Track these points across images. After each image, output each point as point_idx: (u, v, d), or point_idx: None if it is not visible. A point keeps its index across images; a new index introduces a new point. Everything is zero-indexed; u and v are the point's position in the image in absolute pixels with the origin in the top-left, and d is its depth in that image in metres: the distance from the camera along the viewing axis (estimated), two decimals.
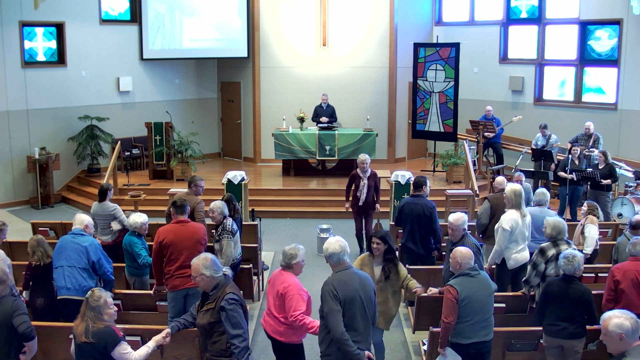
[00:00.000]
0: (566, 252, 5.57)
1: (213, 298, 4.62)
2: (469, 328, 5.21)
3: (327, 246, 4.79)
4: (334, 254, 4.76)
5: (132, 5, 14.54)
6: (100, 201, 7.97)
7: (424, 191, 7.73)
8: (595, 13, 13.04)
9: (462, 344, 5.26)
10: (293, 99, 14.74)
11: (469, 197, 11.29)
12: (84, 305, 4.46)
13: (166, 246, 6.19)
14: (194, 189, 8.09)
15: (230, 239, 6.95)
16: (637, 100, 12.43)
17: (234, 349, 4.50)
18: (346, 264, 4.77)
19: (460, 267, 5.27)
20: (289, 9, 15.00)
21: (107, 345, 4.33)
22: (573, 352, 5.49)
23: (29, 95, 13.12)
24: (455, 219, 6.24)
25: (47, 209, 13.08)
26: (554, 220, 6.25)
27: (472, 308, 5.17)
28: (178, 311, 6.27)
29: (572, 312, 5.41)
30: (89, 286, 6.06)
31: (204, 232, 6.30)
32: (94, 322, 4.36)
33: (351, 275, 4.72)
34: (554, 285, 5.51)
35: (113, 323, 4.50)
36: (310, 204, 12.46)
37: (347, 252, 4.78)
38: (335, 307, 4.54)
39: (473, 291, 5.18)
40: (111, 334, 4.38)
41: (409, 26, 15.17)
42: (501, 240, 6.85)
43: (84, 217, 6.51)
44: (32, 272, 6.26)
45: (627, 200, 10.74)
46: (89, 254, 6.12)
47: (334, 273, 4.76)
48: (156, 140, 13.39)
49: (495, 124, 13.26)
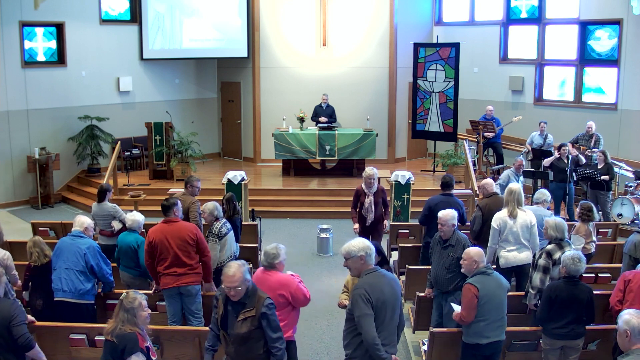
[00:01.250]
0: (573, 252, 5.52)
1: (250, 305, 4.45)
2: (487, 327, 5.19)
3: (362, 245, 4.55)
4: (373, 253, 4.59)
5: (132, 5, 14.54)
6: (99, 202, 7.97)
7: (452, 189, 7.82)
8: (595, 13, 13.04)
9: (480, 344, 5.23)
10: (293, 99, 14.74)
11: (469, 197, 11.29)
12: (118, 305, 4.47)
13: (155, 246, 6.22)
14: (190, 189, 8.12)
15: (215, 242, 6.89)
16: (637, 100, 12.43)
17: (276, 351, 4.46)
18: (372, 266, 4.59)
19: (477, 266, 5.26)
20: (289, 9, 15.01)
21: (125, 349, 4.35)
22: (574, 350, 5.50)
23: (29, 95, 13.12)
24: (444, 215, 6.22)
25: (47, 209, 13.08)
26: (555, 221, 6.17)
27: (490, 306, 5.16)
28: (175, 311, 6.30)
29: (580, 313, 5.40)
30: (86, 289, 6.10)
31: (191, 231, 6.24)
32: (124, 324, 4.38)
33: (380, 277, 4.56)
34: (561, 289, 5.40)
35: (143, 328, 4.48)
36: (310, 204, 12.46)
37: (373, 253, 4.62)
38: (368, 311, 4.39)
39: (491, 289, 5.17)
40: (133, 340, 4.37)
41: (409, 26, 15.17)
42: (491, 239, 6.92)
43: (84, 219, 6.47)
44: (30, 273, 6.26)
45: (627, 200, 10.75)
46: (87, 257, 6.10)
47: (368, 275, 4.53)
48: (156, 140, 13.40)
49: (495, 124, 13.26)
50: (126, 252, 6.93)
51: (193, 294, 6.24)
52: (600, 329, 5.85)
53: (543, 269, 5.96)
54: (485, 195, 7.92)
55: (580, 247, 7.22)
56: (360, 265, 4.54)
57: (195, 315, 6.27)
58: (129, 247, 6.89)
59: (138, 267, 6.95)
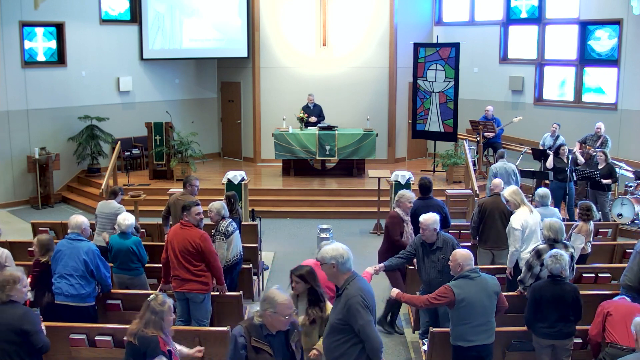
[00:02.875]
0: (553, 251, 5.57)
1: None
2: (470, 331, 5.19)
3: (334, 253, 4.34)
4: (348, 260, 4.36)
5: (132, 5, 14.54)
6: (109, 199, 8.02)
7: (431, 193, 7.79)
8: (595, 13, 13.03)
9: (463, 347, 5.23)
10: (293, 99, 14.73)
11: (469, 197, 11.30)
12: (144, 307, 4.42)
13: (167, 246, 6.39)
14: (189, 188, 8.18)
15: (222, 241, 6.96)
16: (637, 100, 12.43)
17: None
18: (351, 272, 4.40)
19: (462, 269, 5.23)
20: (289, 9, 15.00)
21: (147, 353, 4.33)
22: (564, 350, 5.53)
23: (29, 95, 13.11)
24: (426, 219, 6.18)
25: (47, 209, 13.08)
26: (550, 222, 6.21)
27: (471, 310, 5.14)
28: (183, 311, 6.39)
29: (566, 312, 5.43)
30: (87, 293, 6.12)
31: (194, 240, 6.23)
32: (147, 326, 4.34)
33: (366, 282, 4.47)
34: (545, 289, 5.46)
35: (167, 333, 4.44)
36: (310, 204, 12.46)
37: (347, 261, 4.38)
38: (370, 317, 4.27)
39: (472, 294, 5.14)
40: (154, 343, 4.33)
41: (409, 26, 15.17)
42: (514, 242, 6.78)
43: (80, 219, 6.35)
44: (40, 269, 6.21)
45: (627, 200, 10.75)
46: (87, 262, 6.07)
47: (352, 281, 4.34)
48: (156, 140, 13.39)
49: (495, 124, 13.26)
50: (126, 254, 6.93)
51: (197, 301, 6.27)
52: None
53: (528, 265, 6.16)
54: (490, 194, 8.00)
55: (581, 246, 7.25)
56: (334, 272, 4.36)
57: (200, 322, 6.31)
58: (129, 250, 6.91)
59: (137, 267, 6.97)
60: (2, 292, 4.62)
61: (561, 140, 12.21)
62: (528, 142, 13.40)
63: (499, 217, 7.56)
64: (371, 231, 11.29)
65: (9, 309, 4.62)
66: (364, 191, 12.84)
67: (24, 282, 4.75)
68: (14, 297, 4.66)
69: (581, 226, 7.38)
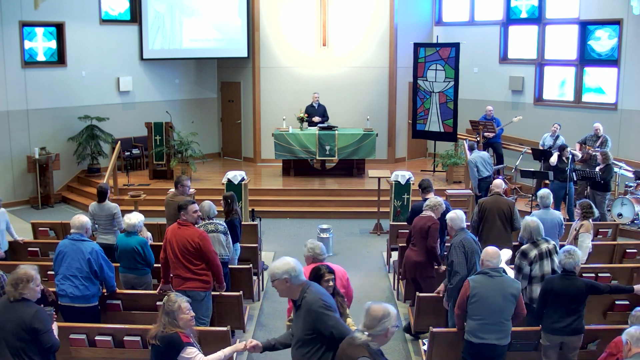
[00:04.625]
0: (568, 247, 5.66)
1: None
2: (479, 327, 5.24)
3: (286, 267, 4.25)
4: (301, 272, 4.30)
5: (132, 5, 14.54)
6: (100, 202, 7.97)
7: (432, 193, 7.83)
8: (595, 13, 13.03)
9: (472, 342, 5.29)
10: (293, 99, 14.73)
11: (469, 197, 11.30)
12: (161, 309, 4.48)
13: (165, 246, 6.38)
14: (180, 189, 8.24)
15: None
16: (637, 100, 12.43)
17: None
18: (304, 281, 4.34)
19: (483, 265, 5.39)
20: (289, 9, 15.01)
21: (173, 350, 4.36)
22: (572, 348, 5.55)
23: (29, 95, 13.12)
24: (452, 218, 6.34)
25: (47, 209, 13.08)
26: (526, 221, 6.27)
27: (482, 307, 5.21)
28: None
29: (575, 307, 5.46)
30: (92, 294, 6.12)
31: (193, 239, 6.25)
32: (165, 326, 4.37)
33: (317, 285, 4.47)
34: (556, 283, 5.51)
35: (187, 330, 4.44)
36: (310, 204, 12.46)
37: (299, 274, 4.31)
38: (336, 315, 4.28)
39: (486, 291, 5.23)
40: (176, 339, 4.35)
41: (409, 26, 15.17)
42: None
43: (83, 219, 6.32)
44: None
45: (627, 200, 10.75)
46: (91, 262, 6.06)
47: (307, 289, 4.27)
48: (156, 140, 13.40)
49: (495, 124, 13.26)
50: (130, 254, 6.89)
51: (199, 299, 6.26)
52: (600, 329, 5.87)
53: (517, 268, 6.17)
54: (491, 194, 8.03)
55: (589, 246, 7.29)
56: (287, 287, 4.27)
57: (201, 320, 6.30)
58: (134, 250, 6.87)
59: (142, 266, 6.96)
60: (15, 289, 4.62)
61: (561, 140, 12.20)
62: (528, 142, 13.40)
63: (499, 217, 7.58)
64: (371, 231, 11.30)
65: (21, 307, 4.62)
66: (364, 191, 12.85)
67: (37, 281, 4.74)
68: (27, 295, 4.65)
69: (586, 225, 7.43)
